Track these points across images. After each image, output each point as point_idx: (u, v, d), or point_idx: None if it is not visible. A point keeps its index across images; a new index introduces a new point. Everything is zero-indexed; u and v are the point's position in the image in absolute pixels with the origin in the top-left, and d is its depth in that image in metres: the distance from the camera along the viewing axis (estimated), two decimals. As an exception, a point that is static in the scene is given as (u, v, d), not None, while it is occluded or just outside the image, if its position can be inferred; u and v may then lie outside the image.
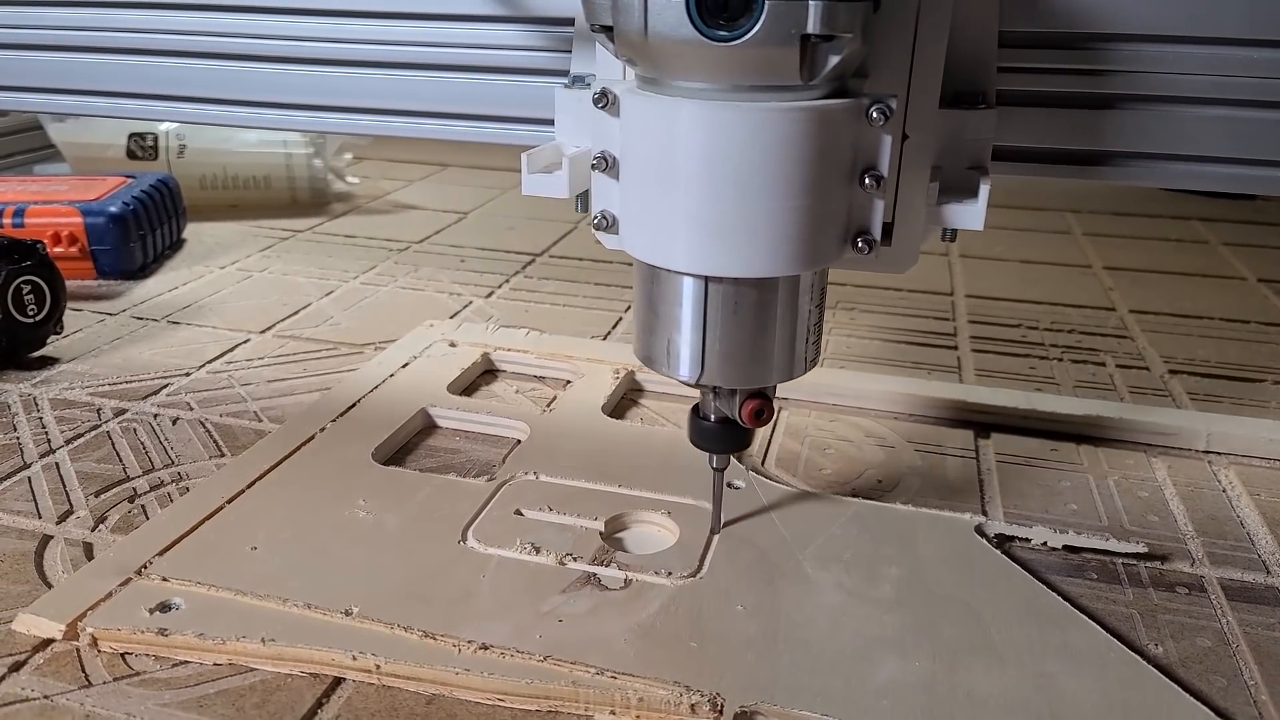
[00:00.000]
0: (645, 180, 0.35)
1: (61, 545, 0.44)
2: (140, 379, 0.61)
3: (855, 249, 0.37)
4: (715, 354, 0.38)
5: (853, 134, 0.35)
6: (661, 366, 0.39)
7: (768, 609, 0.39)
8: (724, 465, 0.43)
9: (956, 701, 0.34)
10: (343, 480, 0.47)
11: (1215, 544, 0.45)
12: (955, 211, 0.38)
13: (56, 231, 0.75)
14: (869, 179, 0.35)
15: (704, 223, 0.34)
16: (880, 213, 0.37)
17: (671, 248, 0.36)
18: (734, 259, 0.35)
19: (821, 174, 0.34)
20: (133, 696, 0.35)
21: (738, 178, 0.33)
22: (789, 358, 0.39)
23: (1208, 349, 0.69)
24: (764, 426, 0.41)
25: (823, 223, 0.35)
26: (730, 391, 0.40)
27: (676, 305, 0.37)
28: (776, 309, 0.37)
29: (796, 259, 0.35)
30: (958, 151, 0.40)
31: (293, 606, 0.38)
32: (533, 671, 0.35)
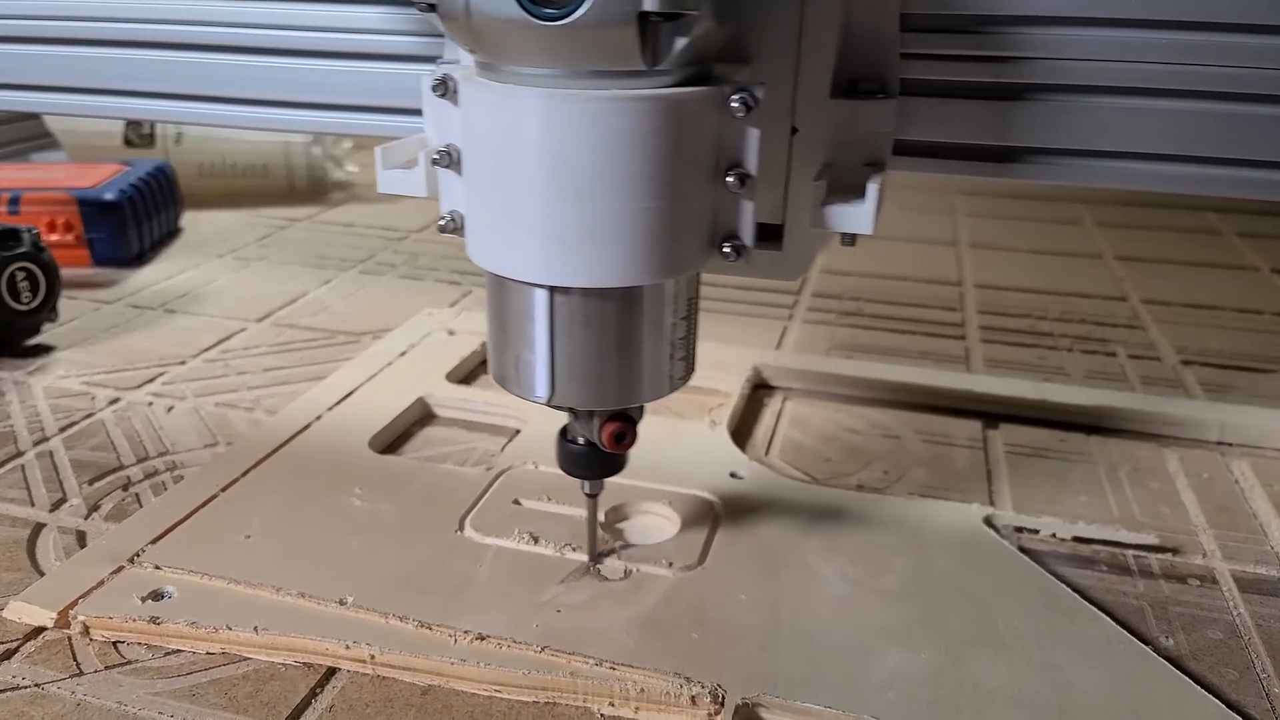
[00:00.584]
0: (486, 178, 0.32)
1: (54, 533, 0.43)
2: (135, 367, 0.60)
3: (723, 255, 0.33)
4: (566, 373, 0.34)
5: (713, 127, 0.31)
6: (514, 386, 0.35)
7: (770, 600, 0.38)
8: (596, 491, 0.40)
9: (963, 694, 0.33)
10: (339, 469, 0.47)
11: (1228, 536, 0.45)
12: (841, 213, 0.34)
13: (52, 219, 0.74)
14: (733, 177, 0.32)
15: (546, 227, 0.31)
16: (750, 215, 0.33)
17: (514, 255, 0.32)
18: (580, 268, 0.31)
19: (676, 171, 0.30)
20: (124, 685, 0.34)
21: (580, 175, 0.30)
22: (652, 376, 0.35)
23: (1220, 340, 0.68)
24: (626, 451, 0.37)
25: (681, 226, 0.31)
26: (589, 413, 0.37)
27: (525, 319, 0.33)
28: (634, 323, 0.33)
29: (651, 267, 0.31)
30: (852, 146, 0.36)
31: (287, 595, 0.38)
32: (530, 662, 0.35)
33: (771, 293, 0.76)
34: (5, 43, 0.51)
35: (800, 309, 0.72)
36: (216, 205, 0.96)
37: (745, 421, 0.55)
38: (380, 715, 0.34)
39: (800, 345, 0.65)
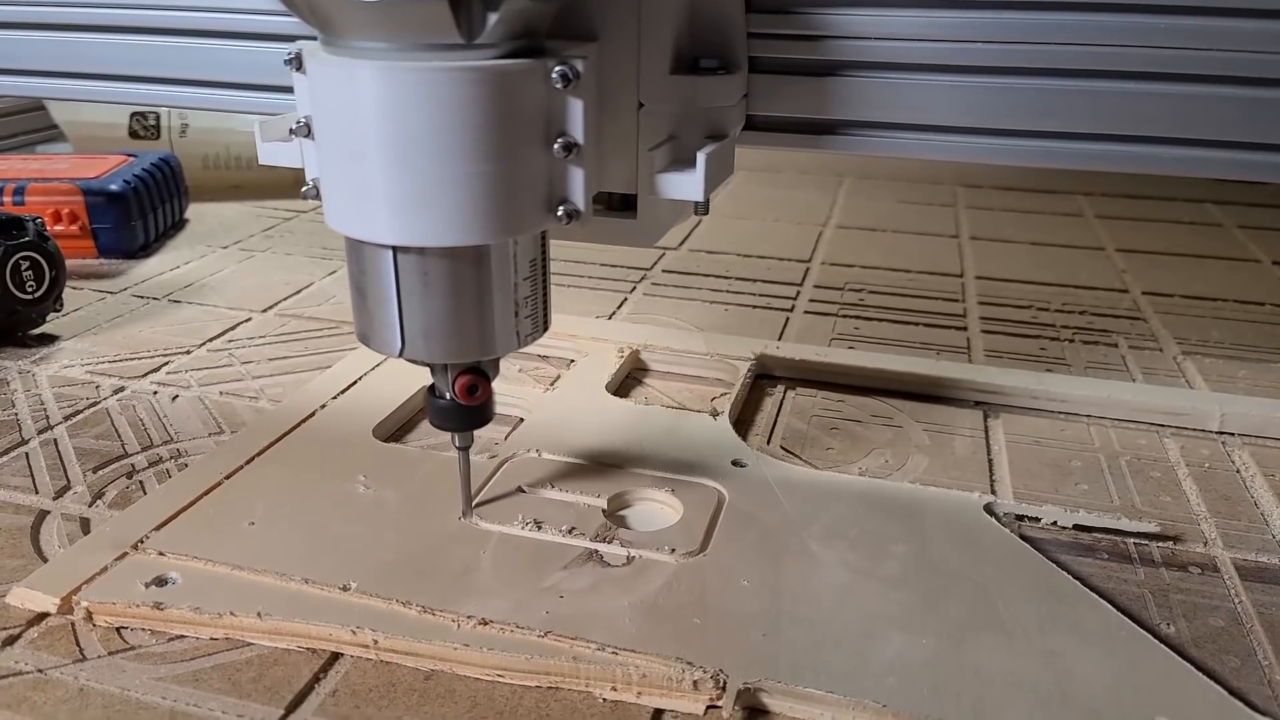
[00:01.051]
0: (332, 147, 0.34)
1: (58, 520, 0.43)
2: (140, 356, 0.60)
3: (558, 219, 0.35)
4: (415, 328, 0.36)
5: (540, 97, 0.33)
6: (373, 344, 0.38)
7: (772, 586, 0.38)
8: (466, 444, 0.42)
9: (964, 678, 0.34)
10: (343, 457, 0.47)
11: (1229, 524, 0.45)
12: (674, 181, 0.37)
13: (57, 209, 0.74)
14: (559, 145, 0.34)
15: (386, 191, 0.33)
16: (580, 181, 0.35)
17: (361, 218, 0.34)
18: (418, 228, 0.33)
19: (504, 138, 0.33)
20: (128, 670, 0.35)
21: (413, 143, 0.32)
22: (500, 330, 0.37)
23: (1222, 330, 0.68)
24: (479, 403, 0.39)
25: (513, 190, 0.34)
26: (443, 367, 0.39)
27: (375, 279, 0.36)
28: (475, 280, 0.36)
29: (486, 228, 0.34)
30: (695, 120, 0.39)
31: (290, 582, 0.38)
32: (533, 647, 0.35)
33: (773, 284, 0.76)
34: (4, 29, 0.52)
35: (802, 300, 0.72)
36: (221, 197, 0.96)
37: (747, 411, 0.55)
38: (383, 700, 0.34)
39: (802, 336, 0.65)
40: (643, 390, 0.57)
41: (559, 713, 0.33)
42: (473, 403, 0.39)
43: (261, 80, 0.51)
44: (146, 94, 0.53)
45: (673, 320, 0.67)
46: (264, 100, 0.51)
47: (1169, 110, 0.39)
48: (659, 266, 0.79)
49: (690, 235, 0.88)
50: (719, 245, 0.86)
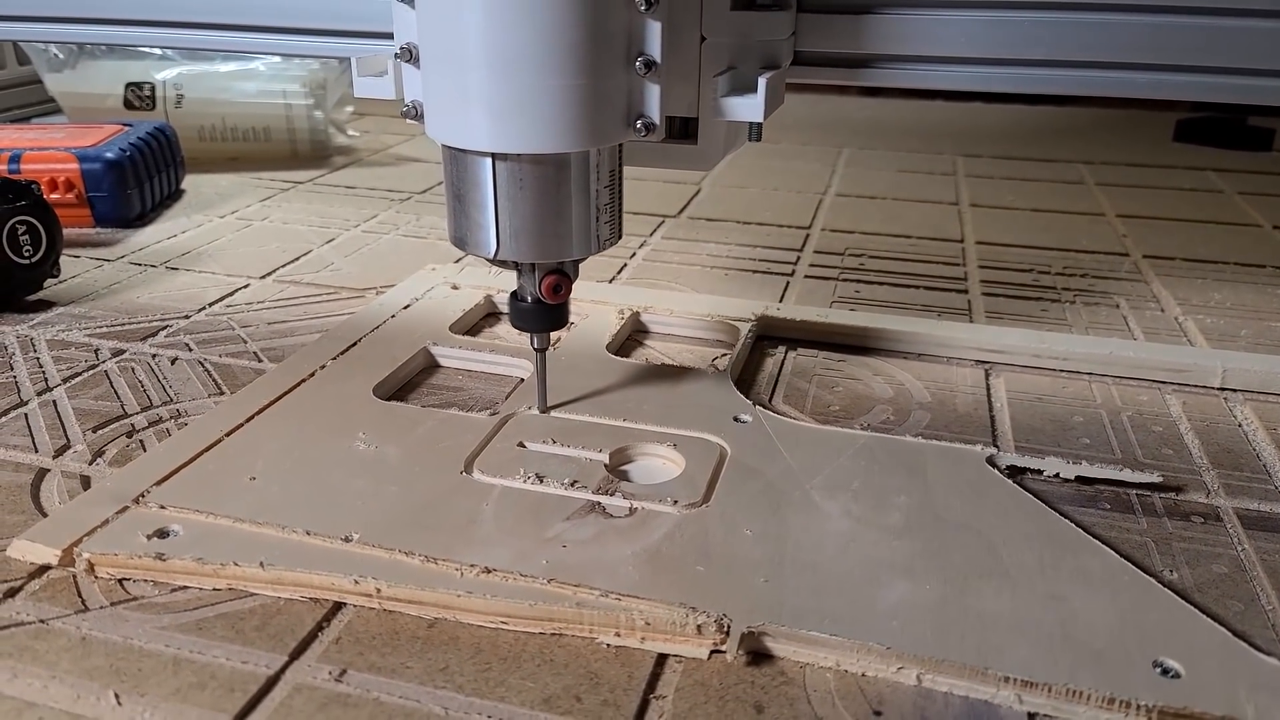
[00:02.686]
0: (439, 65, 0.38)
1: (59, 478, 0.43)
2: (138, 321, 0.60)
3: (636, 132, 0.40)
4: (507, 229, 0.40)
5: (623, 19, 0.38)
6: (467, 245, 0.42)
7: (775, 535, 0.38)
8: (544, 345, 0.46)
9: (967, 621, 0.34)
10: (343, 414, 0.47)
11: (1231, 475, 0.45)
12: (737, 104, 0.42)
13: (53, 178, 0.74)
14: (640, 63, 0.39)
15: (487, 102, 0.37)
16: (656, 98, 0.40)
17: (463, 128, 0.39)
18: (515, 136, 0.38)
19: (595, 56, 0.37)
20: (130, 620, 0.35)
21: (516, 58, 0.36)
22: (582, 234, 0.41)
23: (1223, 292, 0.68)
24: (562, 301, 0.44)
25: (600, 103, 0.38)
26: (531, 269, 0.43)
27: (474, 185, 0.40)
28: (562, 186, 0.40)
29: (575, 136, 0.38)
30: (752, 52, 0.44)
31: (292, 534, 0.38)
32: (536, 594, 0.35)
33: (774, 249, 0.75)
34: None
35: (803, 265, 0.72)
36: (217, 169, 0.96)
37: (749, 370, 0.55)
38: (387, 648, 0.34)
39: (803, 300, 0.65)
40: (643, 351, 0.57)
41: (563, 658, 0.33)
42: (557, 301, 0.43)
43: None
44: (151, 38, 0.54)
45: (673, 284, 0.67)
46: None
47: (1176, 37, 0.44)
48: (659, 233, 0.79)
49: (690, 203, 0.88)
50: (719, 213, 0.85)
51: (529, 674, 0.33)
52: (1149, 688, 0.31)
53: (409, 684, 0.32)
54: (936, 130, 1.22)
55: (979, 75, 0.46)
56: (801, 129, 1.22)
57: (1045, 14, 0.44)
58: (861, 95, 1.50)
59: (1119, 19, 0.43)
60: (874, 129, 1.23)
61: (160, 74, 0.96)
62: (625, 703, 0.31)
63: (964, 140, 1.15)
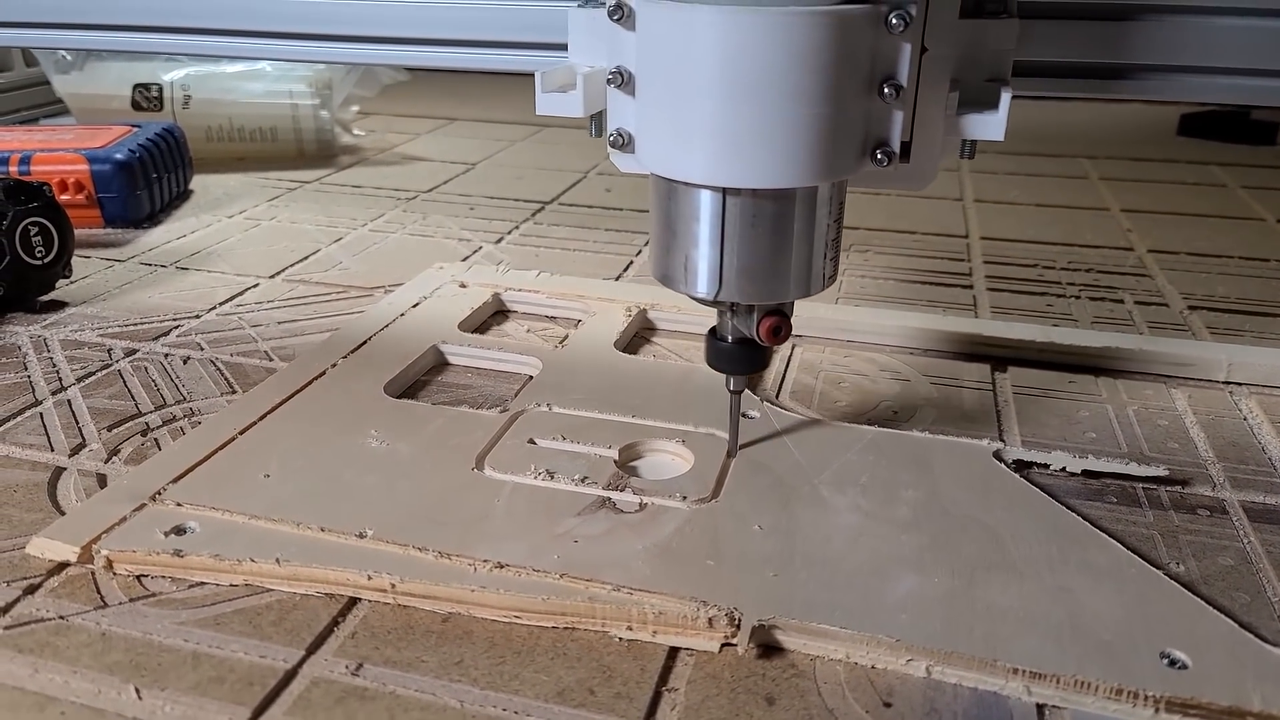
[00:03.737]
0: (662, 93, 0.36)
1: (75, 476, 0.44)
2: (150, 321, 0.60)
3: (875, 161, 0.37)
4: (733, 269, 0.38)
5: (870, 41, 0.35)
6: (679, 284, 0.39)
7: (784, 530, 0.39)
8: (741, 388, 0.43)
9: (976, 614, 0.34)
10: (355, 412, 0.47)
11: (1237, 469, 0.45)
12: (975, 122, 0.38)
13: (63, 179, 0.74)
14: (888, 88, 0.35)
15: (721, 133, 0.34)
16: (899, 124, 0.36)
17: (688, 160, 0.36)
18: (752, 169, 0.35)
19: (839, 82, 0.34)
20: (149, 616, 0.35)
21: (755, 85, 0.33)
22: (807, 273, 0.39)
23: (1227, 286, 0.68)
24: (782, 344, 0.41)
25: (841, 133, 0.35)
26: (748, 309, 0.40)
27: (694, 220, 0.37)
28: (794, 222, 0.37)
29: (814, 170, 0.35)
30: (977, 63, 0.39)
31: (307, 530, 0.38)
32: (549, 589, 0.35)
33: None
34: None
35: (808, 261, 0.72)
36: (225, 169, 0.96)
37: (756, 367, 0.55)
38: (402, 642, 0.34)
39: (809, 295, 0.65)
40: (651, 348, 0.58)
41: (576, 652, 0.34)
42: (777, 343, 0.40)
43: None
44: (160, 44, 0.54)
45: (679, 281, 0.67)
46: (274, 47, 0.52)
47: None
48: (664, 231, 0.79)
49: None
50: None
51: (543, 667, 0.33)
52: (1156, 678, 0.31)
53: (425, 677, 0.32)
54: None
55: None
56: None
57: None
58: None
59: None
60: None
61: (167, 75, 0.97)
62: (638, 695, 0.32)
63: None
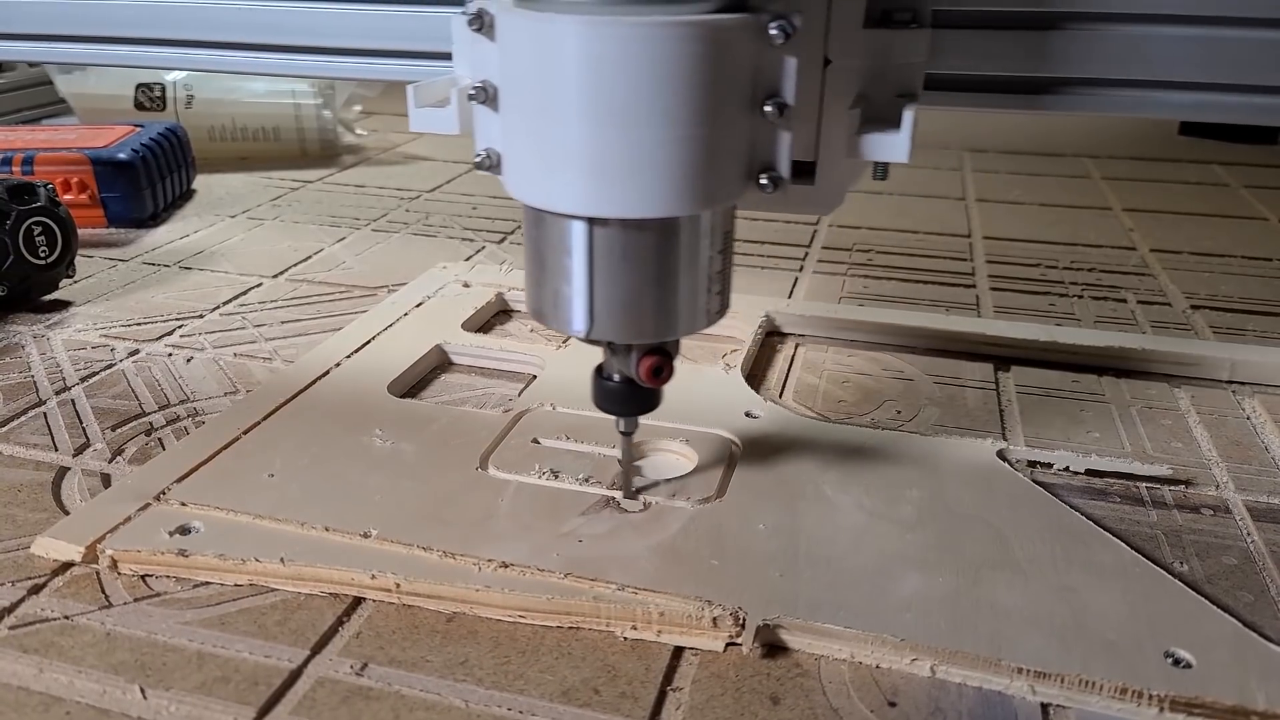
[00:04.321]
0: (524, 111, 0.32)
1: (79, 476, 0.44)
2: (153, 320, 0.60)
3: (759, 187, 0.33)
4: (605, 305, 0.34)
5: (751, 54, 0.31)
6: (551, 321, 0.36)
7: (789, 529, 0.39)
8: (631, 429, 0.40)
9: (980, 613, 0.34)
10: (358, 412, 0.47)
11: (1240, 469, 0.45)
12: (877, 142, 0.34)
13: (66, 179, 0.74)
14: (771, 106, 0.32)
15: (584, 157, 0.31)
16: (787, 145, 0.33)
17: (552, 187, 0.32)
18: (619, 198, 0.31)
19: (715, 99, 0.31)
20: (154, 615, 0.35)
21: (620, 103, 0.30)
22: (690, 309, 0.35)
23: (1230, 285, 0.68)
24: (663, 385, 0.37)
25: (719, 156, 0.32)
26: (626, 348, 0.37)
27: (564, 252, 0.34)
28: (671, 255, 0.34)
29: (690, 197, 0.32)
30: (885, 77, 0.36)
31: (311, 529, 0.38)
32: (554, 588, 0.35)
33: (782, 245, 0.76)
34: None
35: (811, 260, 0.73)
36: (227, 169, 0.96)
37: (758, 366, 0.55)
38: (407, 641, 0.34)
39: (811, 295, 0.66)
40: (654, 348, 0.58)
41: (580, 651, 0.34)
42: (657, 384, 0.37)
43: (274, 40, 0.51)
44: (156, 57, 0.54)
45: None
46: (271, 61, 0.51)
47: None
48: (667, 230, 0.79)
49: (697, 200, 0.88)
50: (726, 210, 0.86)
51: (547, 667, 0.33)
52: (1161, 678, 0.31)
53: (430, 677, 0.33)
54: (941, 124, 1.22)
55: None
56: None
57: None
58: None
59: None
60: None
61: (170, 75, 0.97)
62: (643, 694, 0.32)
63: (969, 134, 1.16)
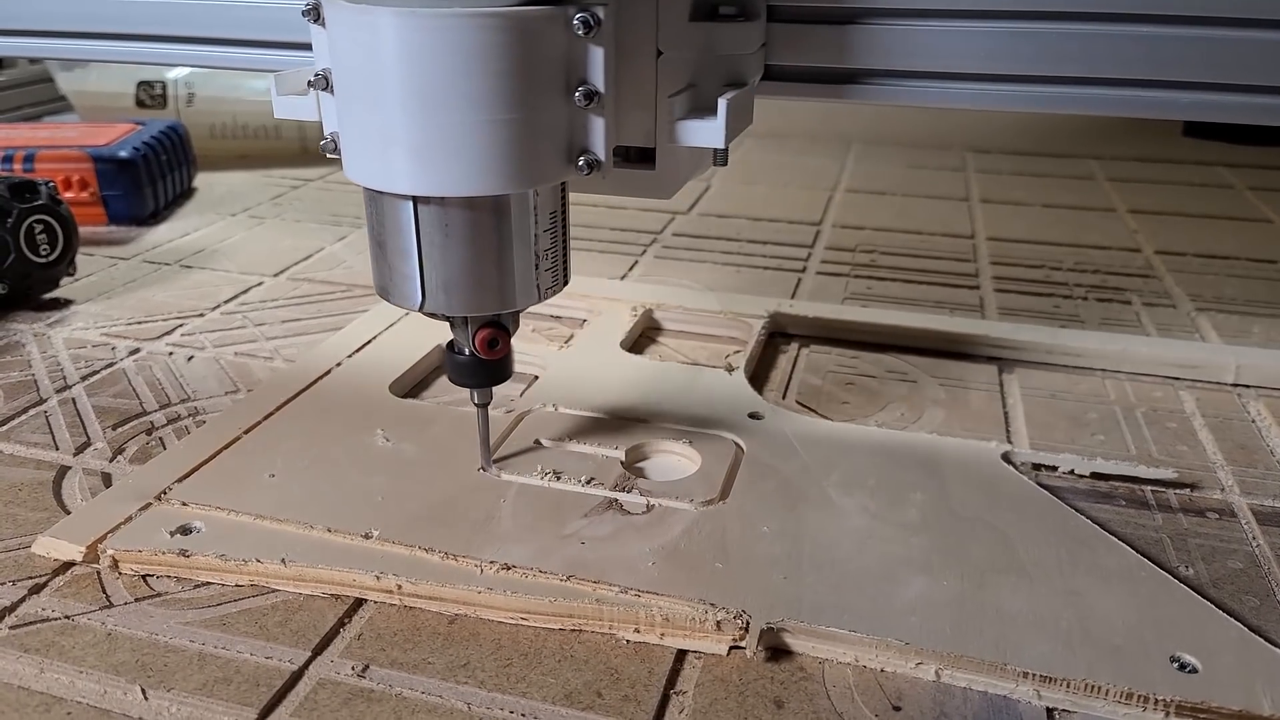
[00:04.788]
0: (352, 97, 0.34)
1: (80, 475, 0.43)
2: (154, 319, 0.60)
3: (578, 170, 0.35)
4: (433, 280, 0.36)
5: (560, 45, 0.33)
6: (393, 296, 0.38)
7: (792, 532, 0.38)
8: (485, 400, 0.42)
9: (985, 617, 0.34)
10: (360, 412, 0.47)
11: (1246, 472, 0.45)
12: (695, 129, 0.37)
13: (67, 177, 0.74)
14: (580, 94, 0.34)
15: (407, 140, 0.33)
16: (601, 131, 0.35)
17: (378, 168, 0.34)
18: (439, 178, 0.33)
19: (525, 86, 0.33)
20: (155, 616, 0.35)
21: (434, 91, 0.32)
22: (520, 283, 0.37)
23: (1235, 288, 0.68)
24: (499, 357, 0.39)
25: (534, 139, 0.34)
26: (463, 321, 0.38)
27: (396, 231, 0.36)
28: (495, 231, 0.36)
29: (507, 177, 0.34)
30: (714, 68, 0.39)
31: (313, 530, 0.38)
32: (556, 591, 0.35)
33: (785, 246, 0.76)
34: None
35: (814, 261, 0.72)
36: (229, 167, 0.96)
37: (762, 367, 0.55)
38: (408, 643, 0.34)
39: (815, 296, 0.65)
40: (656, 348, 0.58)
41: (583, 654, 0.34)
42: (493, 356, 0.39)
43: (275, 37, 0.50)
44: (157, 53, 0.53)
45: (684, 282, 0.67)
46: (277, 57, 0.51)
47: (1193, 54, 0.39)
48: (669, 230, 0.79)
49: (700, 200, 0.88)
50: (729, 209, 0.85)
51: (550, 670, 0.33)
52: (1167, 682, 0.31)
53: (431, 679, 0.32)
54: (945, 126, 1.22)
55: (979, 94, 0.41)
56: (809, 124, 1.22)
57: (1076, 25, 0.39)
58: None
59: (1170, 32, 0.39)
60: (882, 124, 1.23)
61: (171, 73, 0.97)
62: (646, 698, 0.32)
63: (973, 135, 1.15)
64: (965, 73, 0.41)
